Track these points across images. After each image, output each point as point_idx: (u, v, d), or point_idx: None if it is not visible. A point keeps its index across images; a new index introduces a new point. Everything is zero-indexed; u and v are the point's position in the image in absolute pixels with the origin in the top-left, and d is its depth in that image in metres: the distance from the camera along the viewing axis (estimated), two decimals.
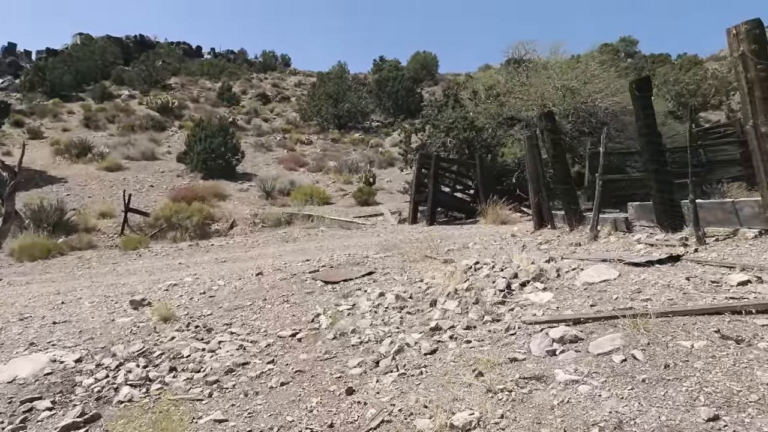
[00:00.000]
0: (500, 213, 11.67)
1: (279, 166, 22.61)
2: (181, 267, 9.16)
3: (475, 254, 7.06)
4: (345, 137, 28.92)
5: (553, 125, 7.33)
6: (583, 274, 4.16)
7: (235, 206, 15.56)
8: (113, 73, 37.32)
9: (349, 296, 5.43)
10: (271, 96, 38.13)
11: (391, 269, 6.61)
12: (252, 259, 9.44)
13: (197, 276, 8.05)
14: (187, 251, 10.74)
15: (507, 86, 14.60)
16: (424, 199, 13.05)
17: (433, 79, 44.07)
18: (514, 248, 7.10)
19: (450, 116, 14.42)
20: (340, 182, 19.95)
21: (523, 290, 4.20)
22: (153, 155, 21.73)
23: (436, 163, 12.54)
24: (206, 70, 41.96)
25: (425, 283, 5.08)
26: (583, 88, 13.42)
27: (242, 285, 6.89)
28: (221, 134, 19.61)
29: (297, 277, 6.82)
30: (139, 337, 4.88)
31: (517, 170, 13.48)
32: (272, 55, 53.72)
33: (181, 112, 29.85)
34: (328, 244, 10.49)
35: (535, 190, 8.62)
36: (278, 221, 13.20)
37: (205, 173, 19.18)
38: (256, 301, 5.81)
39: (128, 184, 18.00)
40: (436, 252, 7.44)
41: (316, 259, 8.47)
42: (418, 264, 6.71)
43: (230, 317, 5.28)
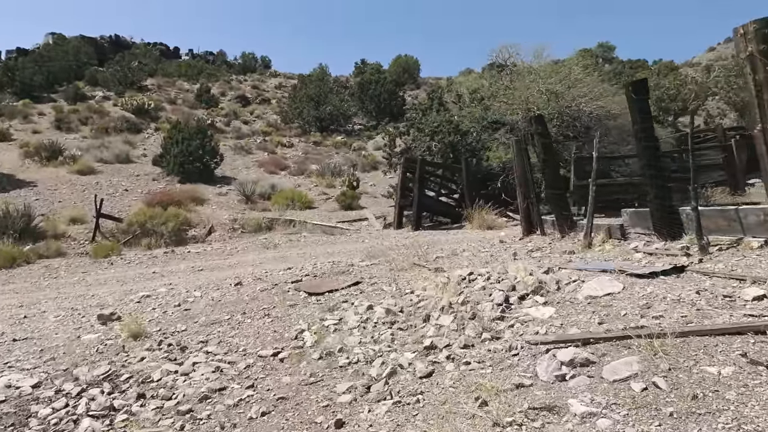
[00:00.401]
0: (486, 218, 11.46)
1: (259, 170, 22.13)
2: (155, 276, 8.70)
3: (465, 262, 6.81)
4: (327, 140, 28.53)
5: (543, 129, 7.14)
6: (585, 286, 3.92)
7: (214, 211, 15.07)
8: (87, 73, 36.25)
9: (335, 310, 5.11)
10: (251, 98, 37.52)
11: (378, 279, 6.31)
12: (231, 268, 9.03)
13: (172, 286, 7.62)
14: (162, 259, 10.26)
15: (491, 90, 14.48)
16: (410, 204, 12.78)
17: (415, 83, 44.02)
18: (505, 255, 6.87)
19: (435, 120, 14.20)
20: (323, 186, 19.57)
21: (523, 304, 3.94)
22: (128, 158, 21.03)
23: (421, 167, 12.29)
24: (184, 72, 41.11)
25: (416, 296, 4.79)
26: (567, 92, 13.36)
27: (220, 296, 6.50)
28: (199, 136, 19.06)
29: (278, 288, 6.47)
30: (105, 358, 4.48)
31: (501, 174, 13.33)
32: (252, 57, 53.02)
33: (157, 113, 29.07)
34: (311, 251, 10.13)
35: (523, 195, 8.42)
36: (258, 227, 12.78)
37: (182, 177, 18.60)
38: (235, 314, 5.45)
39: (101, 188, 17.33)
40: (424, 259, 7.16)
41: (298, 268, 8.11)
42: (407, 273, 6.42)
43: (206, 333, 4.91)
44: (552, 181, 6.96)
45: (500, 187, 13.29)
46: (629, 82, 5.29)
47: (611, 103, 13.47)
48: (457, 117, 14.22)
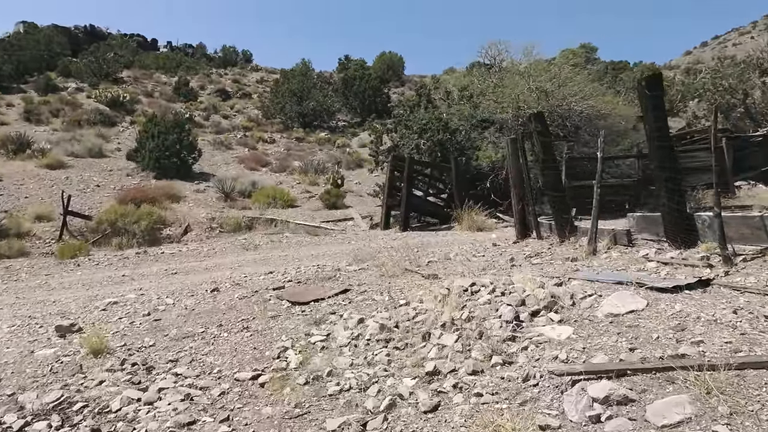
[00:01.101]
0: (476, 219, 11.09)
1: (239, 166, 21.41)
2: (124, 280, 8.08)
3: (459, 267, 6.39)
4: (310, 136, 27.88)
5: (543, 127, 6.75)
6: (605, 302, 3.51)
7: (191, 209, 14.38)
8: (59, 64, 34.84)
9: (321, 323, 4.62)
10: (232, 92, 36.58)
11: (368, 286, 5.84)
12: (207, 271, 8.45)
13: (142, 292, 7.03)
14: (133, 260, 9.61)
15: (481, 87, 14.11)
16: (397, 204, 12.33)
17: (399, 80, 43.57)
18: (501, 261, 6.47)
19: (423, 117, 13.76)
20: (306, 183, 18.98)
21: (535, 322, 3.52)
22: (101, 152, 20.10)
23: (409, 166, 11.84)
24: (162, 64, 39.87)
25: (413, 308, 4.33)
26: (558, 91, 13.06)
27: (194, 304, 5.96)
28: (176, 130, 18.27)
29: (259, 296, 5.95)
30: (59, 379, 3.92)
31: (491, 174, 12.98)
32: (233, 51, 51.85)
33: (133, 106, 28.02)
34: (293, 253, 9.60)
35: (518, 197, 8.04)
36: (238, 226, 12.18)
37: (157, 172, 17.80)
38: (210, 327, 4.92)
39: (71, 184, 16.46)
40: (416, 264, 6.72)
41: (280, 272, 7.60)
42: (399, 279, 5.97)
43: (177, 350, 4.38)
44: (552, 182, 6.58)
45: (489, 188, 12.93)
46: (642, 77, 4.91)
47: (601, 102, 13.22)
48: (445, 114, 13.81)
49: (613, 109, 13.44)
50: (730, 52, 49.06)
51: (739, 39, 77.54)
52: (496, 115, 13.25)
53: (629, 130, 14.61)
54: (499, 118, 13.46)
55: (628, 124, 14.38)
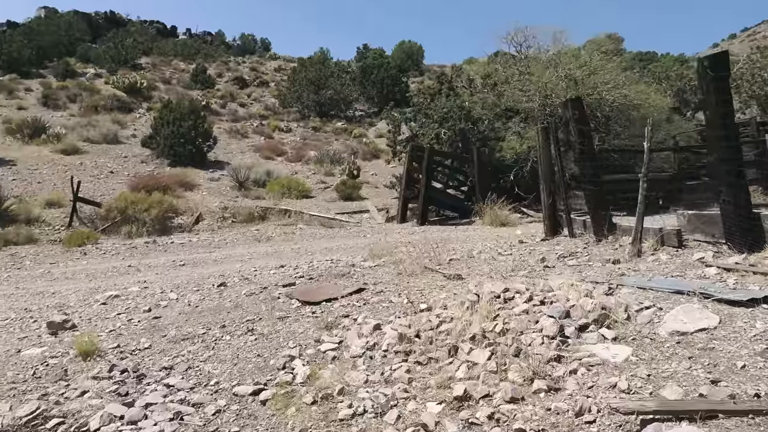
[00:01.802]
0: (499, 214, 10.51)
1: (255, 155, 21.05)
2: (130, 271, 7.73)
3: (485, 266, 5.86)
4: (327, 126, 27.41)
5: (581, 114, 6.15)
6: (667, 317, 2.96)
7: (204, 197, 14.04)
8: (79, 49, 34.88)
9: (333, 327, 4.15)
10: (249, 80, 36.26)
11: (385, 286, 5.36)
12: (216, 263, 8.07)
13: (147, 284, 6.66)
14: (141, 250, 9.28)
15: (505, 75, 13.43)
16: (415, 196, 11.80)
17: (418, 69, 42.77)
18: (531, 261, 5.92)
19: (444, 105, 13.15)
20: (321, 174, 18.52)
21: (584, 338, 2.99)
22: (116, 138, 19.91)
23: (429, 157, 11.28)
24: (180, 51, 39.73)
25: (436, 315, 3.82)
26: (588, 79, 12.32)
27: (198, 300, 5.55)
28: (191, 117, 17.94)
29: (267, 293, 5.51)
30: (40, 387, 3.52)
31: (515, 166, 12.35)
32: (251, 39, 51.54)
33: (150, 93, 27.85)
34: (306, 246, 9.17)
35: (549, 190, 7.45)
36: (251, 216, 11.78)
37: (172, 160, 17.53)
38: (212, 328, 4.48)
39: (85, 170, 16.28)
40: (437, 262, 6.21)
41: (292, 266, 7.16)
42: (418, 279, 5.47)
43: (174, 354, 3.95)
44: (590, 175, 5.98)
45: (512, 181, 12.32)
46: (705, 56, 4.28)
47: (634, 92, 12.44)
48: (468, 103, 13.18)
49: (646, 99, 12.65)
50: (760, 44, 47.06)
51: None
52: (522, 104, 12.57)
53: (662, 122, 13.80)
54: (525, 107, 12.79)
55: (661, 115, 13.56)
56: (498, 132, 12.63)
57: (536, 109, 12.25)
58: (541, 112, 12.29)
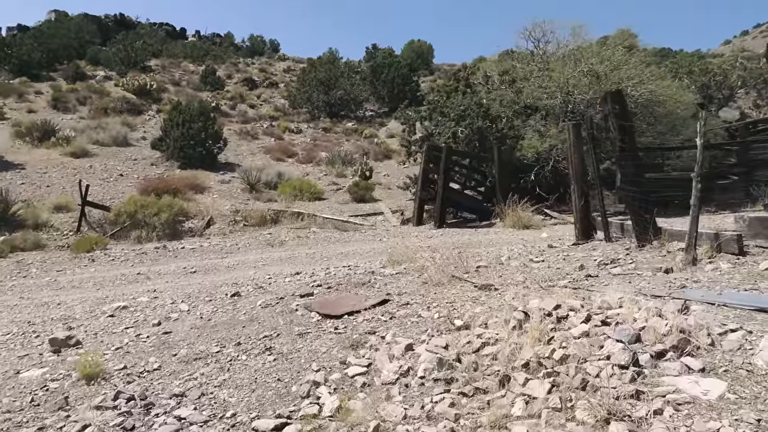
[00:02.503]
0: (522, 215, 10.05)
1: (265, 156, 20.73)
2: (139, 279, 7.39)
3: (518, 275, 5.43)
4: (337, 126, 27.05)
5: (622, 108, 5.69)
6: (764, 343, 2.51)
7: (215, 200, 13.72)
8: (89, 52, 34.86)
9: (359, 347, 3.75)
10: (259, 81, 36.01)
11: (410, 296, 4.94)
12: (229, 270, 7.70)
13: (156, 294, 6.31)
14: (151, 256, 8.94)
15: (525, 71, 12.95)
16: (431, 197, 11.37)
17: (429, 69, 42.29)
18: (568, 268, 5.48)
19: (461, 103, 12.70)
20: (333, 175, 18.15)
21: (663, 368, 2.55)
22: (126, 141, 19.69)
23: (447, 156, 10.84)
24: (189, 53, 39.59)
25: (476, 335, 3.40)
26: (612, 74, 11.81)
27: (211, 313, 5.18)
28: (201, 119, 17.65)
29: (284, 304, 5.13)
30: (37, 417, 3.16)
31: (536, 166, 11.87)
32: (260, 40, 51.37)
33: (160, 95, 27.67)
34: (321, 251, 8.79)
35: (581, 191, 6.99)
36: (263, 219, 11.42)
37: (182, 162, 17.25)
38: (227, 345, 4.11)
39: (94, 173, 16.05)
40: (464, 270, 5.78)
41: (308, 273, 6.78)
42: (446, 289, 5.05)
43: (185, 377, 3.57)
44: (632, 175, 5.53)
45: (533, 180, 11.84)
46: None
47: (661, 87, 11.91)
48: (485, 100, 12.72)
49: (672, 95, 12.11)
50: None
51: None
52: (543, 101, 12.09)
53: (688, 119, 13.24)
54: (545, 104, 12.31)
55: (686, 112, 13.01)
56: (518, 130, 12.16)
57: (558, 106, 11.78)
58: (563, 109, 11.81)
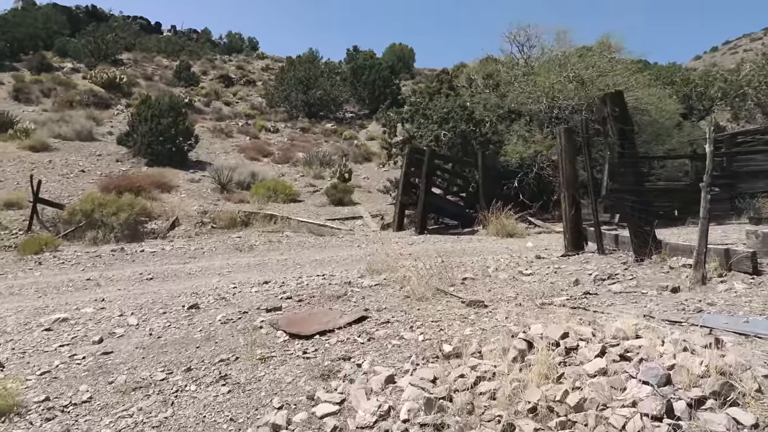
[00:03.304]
0: (505, 223, 9.64)
1: (239, 155, 19.95)
2: (88, 285, 6.65)
3: (507, 289, 4.96)
4: (316, 127, 26.40)
5: (621, 111, 5.29)
6: None
7: (182, 200, 12.95)
8: (56, 43, 33.38)
9: (331, 377, 3.19)
10: (235, 79, 35.07)
11: (391, 313, 4.42)
12: (190, 277, 7.03)
13: (104, 304, 5.62)
14: (106, 259, 8.19)
15: (510, 75, 12.62)
16: (413, 202, 10.88)
17: (409, 73, 41.99)
18: (561, 283, 5.03)
19: (444, 105, 12.26)
20: (310, 176, 17.52)
21: (702, 420, 2.06)
22: (90, 135, 18.66)
23: (430, 160, 10.37)
24: (164, 47, 38.35)
25: (470, 367, 2.88)
26: (598, 81, 11.55)
27: (163, 328, 4.54)
28: (171, 114, 16.80)
29: (247, 320, 4.53)
30: None
31: (519, 172, 11.51)
32: (239, 37, 50.29)
33: (130, 89, 26.53)
34: (294, 257, 8.18)
35: (572, 199, 6.59)
36: (233, 222, 10.74)
37: (150, 159, 16.37)
38: (175, 371, 3.50)
39: (54, 168, 15.06)
40: (449, 282, 5.30)
41: (278, 283, 6.18)
42: (431, 305, 4.54)
43: (118, 414, 2.96)
44: (632, 182, 5.12)
45: (517, 187, 11.47)
46: None
47: (646, 95, 11.71)
48: (470, 103, 12.32)
49: (658, 104, 11.92)
50: (739, 57, 47.42)
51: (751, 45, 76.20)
52: (527, 105, 11.76)
53: (671, 128, 13.11)
54: (529, 109, 11.98)
55: (670, 122, 12.87)
56: (501, 135, 11.79)
57: (543, 111, 11.45)
58: (548, 115, 11.49)
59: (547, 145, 10.91)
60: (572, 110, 11.48)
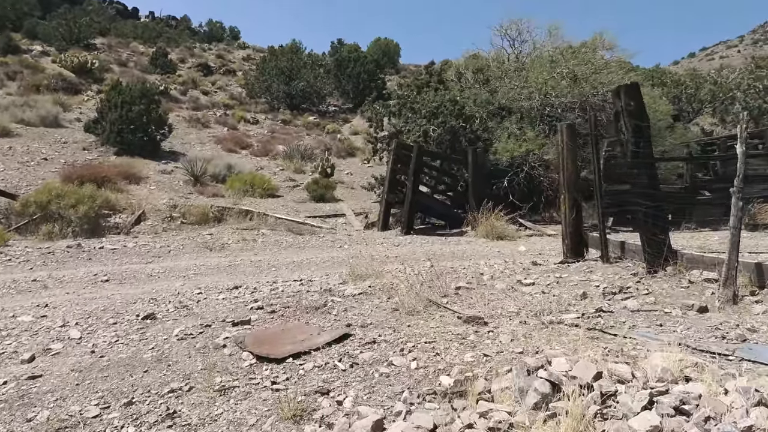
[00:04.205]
0: (496, 225, 9.13)
1: (216, 147, 19.08)
2: (33, 288, 5.89)
3: (508, 302, 4.41)
4: (297, 119, 25.59)
5: (638, 105, 4.78)
6: None
7: (151, 193, 12.11)
8: (25, 25, 31.77)
9: (304, 418, 2.60)
10: (215, 68, 33.95)
11: (378, 330, 3.83)
12: (151, 280, 6.31)
13: (47, 311, 4.89)
14: (59, 257, 7.39)
15: (501, 69, 12.10)
16: (399, 201, 10.29)
17: (395, 68, 41.33)
18: (566, 296, 4.50)
19: (434, 99, 11.68)
20: (290, 170, 16.78)
21: None
22: (56, 122, 17.58)
23: (418, 156, 9.77)
24: (140, 33, 36.92)
25: (478, 413, 2.30)
26: (593, 78, 11.11)
27: (108, 344, 3.88)
28: (143, 101, 15.86)
29: (209, 336, 3.89)
30: None
31: (509, 171, 11.00)
32: (219, 26, 48.90)
33: (102, 75, 25.32)
34: (269, 258, 7.51)
35: (572, 201, 6.09)
36: (204, 217, 9.99)
37: (119, 148, 15.42)
38: (113, 404, 2.86)
39: (14, 155, 14.04)
40: (441, 292, 4.73)
41: (249, 288, 5.53)
42: (423, 321, 3.97)
43: None
44: (647, 185, 4.62)
45: (506, 187, 10.97)
46: None
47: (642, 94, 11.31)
48: (459, 98, 11.77)
49: (652, 104, 11.54)
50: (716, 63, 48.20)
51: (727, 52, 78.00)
52: (520, 102, 11.26)
53: (664, 130, 12.77)
54: (521, 106, 11.48)
55: (662, 123, 12.53)
56: (492, 132, 11.27)
57: (535, 108, 10.98)
58: (540, 112, 11.01)
59: (539, 143, 10.44)
60: (565, 108, 11.02)
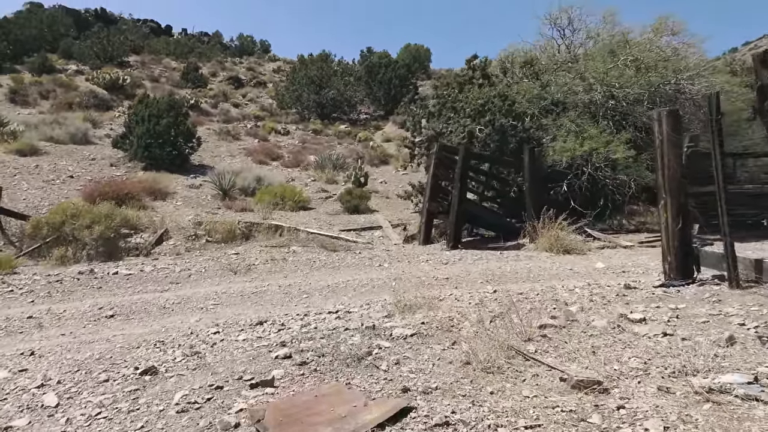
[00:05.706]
0: (561, 236, 7.84)
1: (246, 159, 18.42)
2: (25, 328, 5.01)
3: (622, 349, 3.22)
4: (328, 128, 24.81)
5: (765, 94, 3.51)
6: None
7: (177, 209, 11.37)
8: (61, 45, 32.37)
9: None
10: (245, 80, 33.71)
11: (447, 400, 2.70)
12: (163, 314, 5.36)
13: (30, 362, 3.96)
14: (66, 286, 6.57)
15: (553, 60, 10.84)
16: (443, 210, 9.14)
17: (426, 73, 40.21)
18: (702, 340, 3.25)
19: (480, 95, 10.49)
20: (322, 181, 15.88)
21: None
22: (86, 138, 17.28)
23: (465, 159, 8.60)
24: (173, 49, 37.19)
25: None
26: (663, 65, 9.70)
27: (87, 419, 2.86)
28: (171, 114, 15.31)
29: (218, 407, 2.84)
30: None
31: (569, 173, 9.69)
32: (250, 40, 49.09)
33: (134, 90, 25.25)
34: (301, 282, 6.48)
35: (677, 208, 4.81)
36: (231, 234, 9.10)
37: (147, 162, 14.90)
38: None
39: (40, 173, 13.64)
40: (523, 333, 3.57)
41: (276, 324, 4.48)
42: (508, 384, 2.81)
43: None
44: None
45: (566, 192, 9.65)
46: None
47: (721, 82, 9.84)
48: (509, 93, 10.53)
49: (732, 93, 10.04)
50: None
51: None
52: (578, 96, 9.96)
53: (742, 122, 11.18)
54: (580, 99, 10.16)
55: (742, 114, 10.96)
56: (546, 130, 10.00)
57: (598, 102, 9.66)
58: (602, 105, 9.68)
59: (604, 140, 9.12)
60: (630, 102, 9.66)
